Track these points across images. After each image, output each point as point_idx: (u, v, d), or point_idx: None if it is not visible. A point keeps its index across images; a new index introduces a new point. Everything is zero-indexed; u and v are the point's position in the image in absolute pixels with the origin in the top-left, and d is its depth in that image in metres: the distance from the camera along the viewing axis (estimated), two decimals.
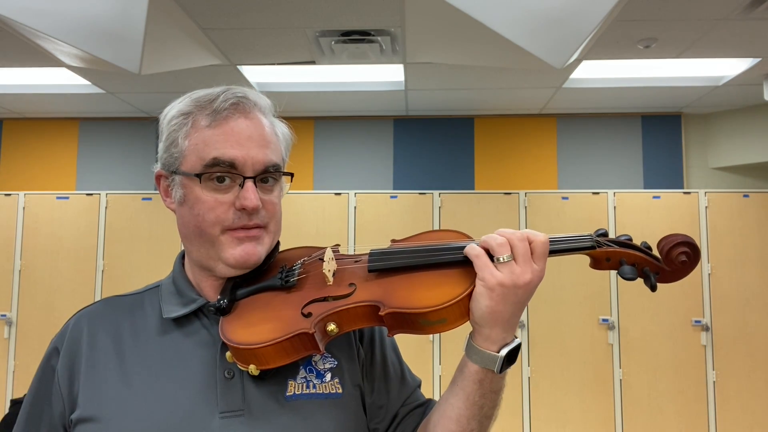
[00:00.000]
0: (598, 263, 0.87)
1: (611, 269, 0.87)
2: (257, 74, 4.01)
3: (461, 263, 0.83)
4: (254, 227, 0.88)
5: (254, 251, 0.88)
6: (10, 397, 4.31)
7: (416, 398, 0.98)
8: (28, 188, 4.80)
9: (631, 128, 4.82)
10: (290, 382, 0.87)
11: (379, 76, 4.10)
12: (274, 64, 3.71)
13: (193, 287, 0.93)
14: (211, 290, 0.92)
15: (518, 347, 0.83)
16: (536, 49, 2.71)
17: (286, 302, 0.86)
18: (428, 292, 0.82)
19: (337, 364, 0.91)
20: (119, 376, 0.86)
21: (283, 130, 0.96)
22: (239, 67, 3.75)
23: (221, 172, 0.86)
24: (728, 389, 4.14)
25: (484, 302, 0.79)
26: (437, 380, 4.19)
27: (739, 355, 4.16)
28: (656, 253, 0.87)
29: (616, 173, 4.78)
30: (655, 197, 4.36)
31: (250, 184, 0.86)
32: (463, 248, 0.83)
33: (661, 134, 4.80)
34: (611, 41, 3.28)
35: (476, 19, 2.53)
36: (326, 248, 0.93)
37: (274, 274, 0.92)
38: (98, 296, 4.43)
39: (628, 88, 4.18)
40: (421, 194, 4.47)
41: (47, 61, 3.48)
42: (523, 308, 0.82)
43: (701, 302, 4.21)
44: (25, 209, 4.54)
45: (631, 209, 4.35)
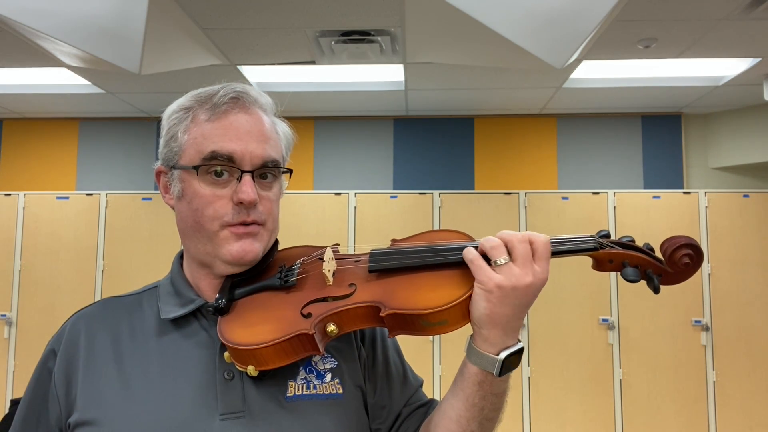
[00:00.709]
0: (600, 265, 0.86)
1: (614, 271, 0.86)
2: (257, 74, 4.01)
3: (463, 264, 0.82)
4: (252, 224, 0.87)
5: (251, 248, 0.87)
6: (10, 397, 4.32)
7: (418, 398, 0.98)
8: (28, 188, 4.80)
9: (631, 128, 4.82)
10: (290, 382, 0.86)
11: (379, 76, 4.10)
12: (274, 64, 3.71)
13: (191, 287, 0.92)
14: (209, 289, 0.91)
15: (520, 351, 0.82)
16: (536, 49, 2.71)
17: (285, 302, 0.85)
18: (429, 293, 0.81)
19: (337, 364, 0.90)
20: (118, 378, 0.85)
21: (284, 128, 0.95)
22: (239, 67, 3.75)
23: (219, 165, 0.85)
24: (728, 389, 4.14)
25: (482, 305, 0.78)
26: (437, 380, 4.19)
27: (739, 355, 4.16)
28: (659, 255, 0.85)
29: (616, 173, 4.78)
30: (655, 197, 4.36)
31: (247, 177, 0.85)
32: (462, 249, 0.82)
33: (661, 134, 4.80)
34: (611, 41, 3.28)
35: (476, 19, 2.54)
36: (326, 248, 0.92)
37: (273, 273, 0.91)
38: (98, 296, 4.43)
39: (628, 88, 4.18)
40: (421, 194, 4.47)
41: (47, 61, 3.48)
42: (524, 311, 0.81)
43: (701, 302, 4.21)
44: (25, 209, 4.54)
45: (631, 209, 4.35)
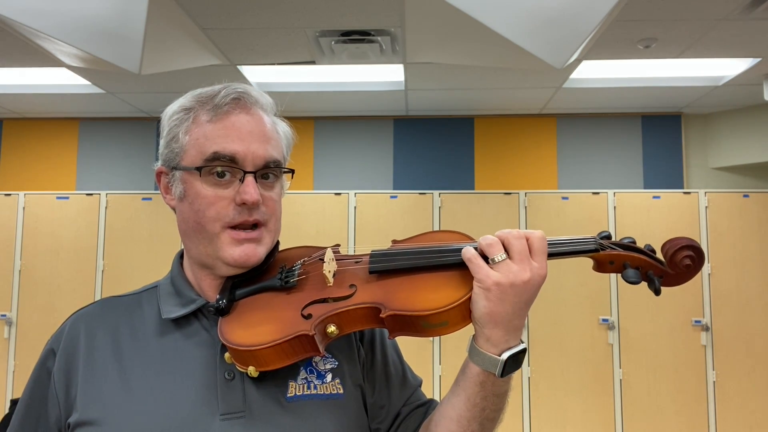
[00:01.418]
0: (601, 266, 0.86)
1: (615, 272, 0.86)
2: (257, 74, 4.01)
3: (463, 264, 0.82)
4: (254, 223, 0.87)
5: (254, 252, 0.87)
6: (10, 397, 4.32)
7: (418, 398, 0.98)
8: (28, 188, 4.80)
9: (631, 128, 4.82)
10: (291, 383, 0.86)
11: (379, 76, 4.10)
12: (274, 64, 3.71)
13: (192, 287, 0.92)
14: (211, 290, 0.91)
15: (522, 352, 0.81)
16: (536, 49, 2.71)
17: (285, 303, 0.85)
18: (430, 294, 0.81)
19: (337, 364, 0.90)
20: (118, 378, 0.84)
21: (284, 128, 0.95)
22: (239, 67, 3.75)
23: (222, 166, 0.85)
24: (728, 389, 4.14)
25: (481, 303, 0.78)
26: (437, 380, 4.19)
27: (739, 355, 4.16)
28: (660, 256, 0.85)
29: (616, 173, 4.78)
30: (655, 197, 4.36)
31: (250, 178, 0.85)
32: (461, 250, 0.82)
33: (661, 134, 4.80)
34: (611, 41, 3.28)
35: (476, 19, 2.54)
36: (327, 248, 0.92)
37: (274, 274, 0.91)
38: (98, 296, 4.43)
39: (628, 88, 4.18)
40: (421, 194, 4.47)
41: (47, 61, 3.48)
42: (525, 309, 0.80)
43: (701, 302, 4.21)
44: (25, 209, 4.54)
45: (631, 209, 4.35)
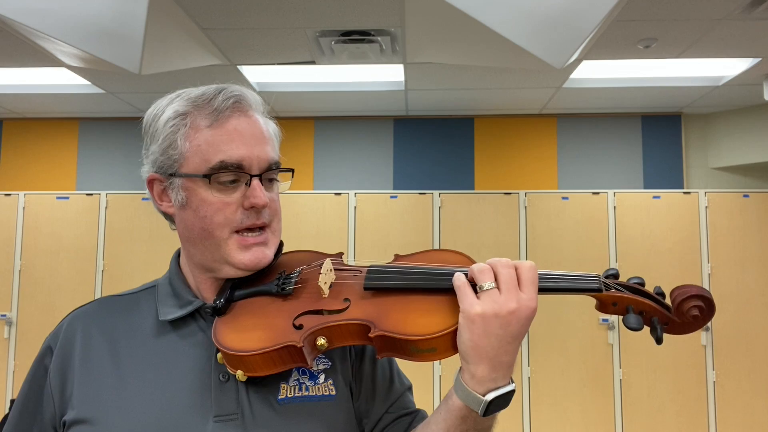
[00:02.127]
0: (603, 306, 0.82)
1: (616, 314, 0.82)
2: (257, 74, 4.01)
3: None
4: (262, 227, 0.88)
5: (264, 255, 0.88)
6: (10, 397, 4.32)
7: (403, 405, 0.95)
8: (28, 188, 4.80)
9: (631, 128, 4.82)
10: (282, 384, 0.85)
11: (379, 76, 4.10)
12: (274, 64, 3.71)
13: (189, 288, 0.92)
14: (209, 291, 0.91)
15: (510, 393, 0.76)
16: (536, 49, 2.71)
17: (279, 310, 0.84)
18: (421, 318, 0.78)
19: (331, 365, 0.90)
20: (114, 377, 0.84)
21: (273, 127, 0.95)
22: (239, 67, 3.75)
23: (230, 174, 0.85)
24: (728, 389, 4.14)
25: (465, 335, 0.74)
26: (437, 380, 4.19)
27: (739, 355, 4.16)
28: (668, 301, 0.82)
29: (616, 173, 4.78)
30: (655, 197, 4.36)
31: (256, 182, 0.85)
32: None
33: (661, 134, 4.80)
34: (611, 41, 3.28)
35: (476, 19, 2.54)
36: (326, 258, 0.91)
37: (273, 277, 0.90)
38: (98, 296, 4.42)
39: (628, 88, 4.18)
40: (421, 194, 4.47)
41: (47, 61, 3.48)
42: (513, 344, 0.75)
43: None
44: (25, 209, 4.54)
45: (631, 209, 4.35)
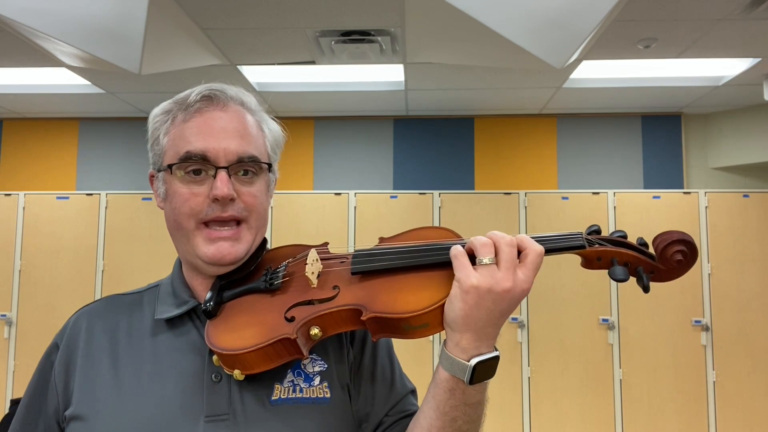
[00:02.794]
0: (589, 263, 0.82)
1: (603, 269, 0.82)
2: (257, 74, 4.01)
3: (446, 265, 0.79)
4: (229, 219, 0.86)
5: (230, 250, 0.87)
6: (10, 397, 4.31)
7: (405, 407, 0.93)
8: (28, 188, 4.80)
9: (631, 128, 4.82)
10: (276, 385, 0.85)
11: (379, 76, 4.10)
12: (274, 64, 3.71)
13: (187, 288, 0.92)
14: (202, 290, 0.91)
15: (493, 360, 0.77)
16: (536, 49, 2.71)
17: (270, 306, 0.85)
18: (410, 295, 0.79)
19: (326, 367, 0.89)
20: (111, 376, 0.85)
21: (272, 126, 0.95)
22: (239, 67, 3.75)
23: (194, 164, 0.85)
24: (728, 389, 4.14)
25: (456, 304, 0.75)
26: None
27: (739, 355, 4.16)
28: (652, 251, 0.82)
29: (616, 173, 4.78)
30: (655, 197, 4.36)
31: (221, 173, 0.85)
32: (448, 248, 0.79)
33: (661, 134, 4.80)
34: (611, 41, 3.28)
35: (476, 19, 2.54)
36: (311, 249, 0.90)
37: (260, 275, 0.90)
38: (98, 296, 4.43)
39: (628, 88, 4.18)
40: (421, 194, 4.47)
41: (47, 61, 3.48)
42: (501, 319, 0.77)
43: (701, 302, 4.21)
44: (25, 209, 4.54)
45: (631, 209, 4.35)
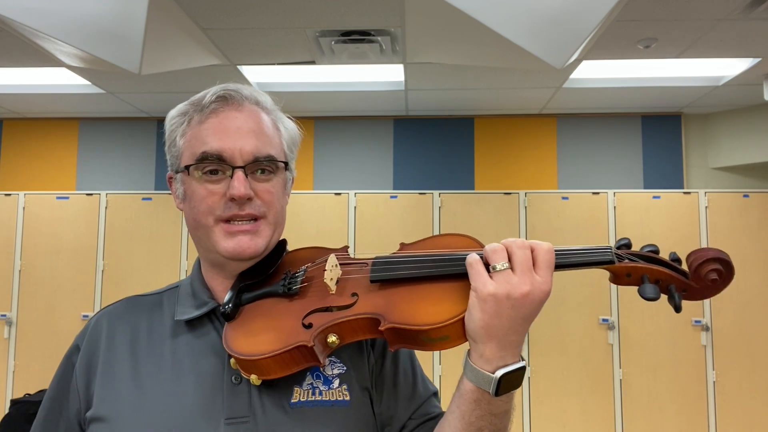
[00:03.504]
0: (618, 278, 0.79)
1: (632, 285, 0.79)
2: (257, 74, 4.01)
3: (467, 275, 0.77)
4: (248, 217, 0.87)
5: (249, 244, 0.87)
6: (10, 397, 4.31)
7: (427, 411, 0.93)
8: (28, 188, 4.80)
9: (631, 128, 4.82)
10: (296, 388, 0.84)
11: (379, 76, 4.10)
12: (274, 64, 3.71)
13: (207, 289, 0.93)
14: (222, 290, 0.91)
15: (519, 371, 0.76)
16: (536, 49, 2.71)
17: (287, 311, 0.84)
18: (430, 307, 0.77)
19: (345, 369, 0.88)
20: (132, 377, 0.86)
21: (289, 125, 0.95)
22: (239, 67, 3.75)
23: (210, 164, 0.86)
24: (728, 389, 4.14)
25: (476, 314, 0.74)
26: (437, 380, 4.19)
27: (739, 355, 4.16)
28: (685, 267, 0.79)
29: (616, 173, 4.78)
30: (655, 197, 4.36)
31: (238, 173, 0.85)
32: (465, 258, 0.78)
33: (661, 134, 4.80)
34: (611, 41, 3.28)
35: (476, 19, 2.54)
36: (331, 254, 0.89)
37: (279, 278, 0.90)
38: (98, 296, 4.43)
39: (628, 88, 4.18)
40: (421, 194, 4.47)
41: (47, 61, 3.48)
42: (524, 325, 0.75)
43: (701, 302, 4.21)
44: (25, 209, 4.54)
45: (631, 209, 4.35)
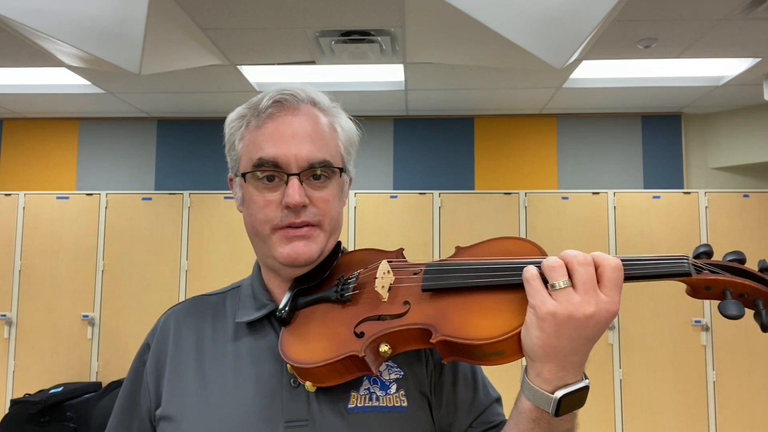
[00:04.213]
0: (696, 292, 0.73)
1: (713, 299, 0.72)
2: (257, 74, 4.01)
3: (522, 286, 0.72)
4: (303, 225, 0.86)
5: (304, 250, 0.87)
6: (10, 397, 4.31)
7: (489, 418, 0.90)
8: (28, 188, 4.80)
9: (631, 128, 4.82)
10: (353, 393, 0.84)
11: (379, 76, 4.10)
12: (274, 64, 3.71)
13: (266, 291, 0.93)
14: (280, 292, 0.92)
15: (583, 390, 0.71)
16: (536, 49, 2.71)
17: (340, 318, 0.83)
18: (483, 320, 0.73)
19: (403, 374, 0.87)
20: (197, 377, 0.87)
21: (345, 125, 0.93)
22: (239, 67, 3.75)
23: (266, 171, 0.86)
24: (728, 389, 4.14)
25: (534, 333, 0.69)
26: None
27: (739, 355, 4.16)
28: None
29: (616, 173, 4.78)
30: (655, 197, 4.36)
31: (293, 181, 0.85)
32: (523, 269, 0.72)
33: (661, 134, 4.80)
34: (611, 41, 3.28)
35: (476, 19, 2.54)
36: (383, 260, 0.86)
37: (333, 282, 0.89)
38: (98, 296, 4.43)
39: (628, 88, 4.18)
40: (421, 194, 4.47)
41: (47, 61, 3.48)
42: (587, 346, 0.70)
43: (701, 302, 4.21)
44: (25, 209, 4.54)
45: (631, 209, 4.35)
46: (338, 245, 0.95)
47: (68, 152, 4.99)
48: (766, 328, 0.70)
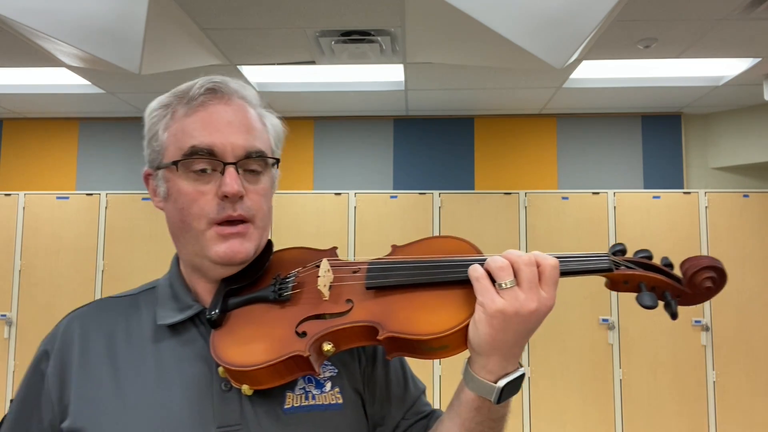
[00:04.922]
0: (615, 285, 0.80)
1: (629, 292, 0.80)
2: (257, 74, 4.01)
3: (466, 282, 0.75)
4: (239, 220, 0.83)
5: (240, 248, 0.83)
6: (10, 397, 4.32)
7: (418, 409, 0.93)
8: (28, 188, 4.80)
9: (631, 128, 4.82)
10: (288, 393, 0.82)
11: (379, 76, 4.10)
12: (274, 64, 3.71)
13: (189, 291, 0.88)
14: (206, 294, 0.88)
15: (520, 378, 0.76)
16: (536, 49, 2.71)
17: (279, 318, 0.81)
18: (430, 316, 0.75)
19: (337, 372, 0.87)
20: (112, 384, 0.81)
21: (273, 121, 0.91)
22: (239, 67, 3.75)
23: (200, 159, 0.82)
24: (728, 389, 4.14)
25: (483, 329, 0.72)
26: (437, 380, 4.19)
27: (739, 355, 4.16)
28: (677, 272, 0.79)
29: (616, 173, 4.78)
30: (655, 197, 4.36)
31: (230, 169, 0.81)
32: (467, 266, 0.76)
33: (661, 134, 4.80)
34: (611, 41, 3.28)
35: (476, 19, 2.54)
36: (322, 258, 0.86)
37: (268, 281, 0.86)
38: (98, 296, 4.42)
39: (628, 88, 4.18)
40: (421, 194, 4.47)
41: (47, 61, 3.48)
42: (527, 338, 0.75)
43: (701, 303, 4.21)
44: (25, 209, 4.54)
45: (631, 209, 4.35)
46: (269, 243, 0.91)
47: (68, 152, 4.99)
48: (675, 316, 0.77)
